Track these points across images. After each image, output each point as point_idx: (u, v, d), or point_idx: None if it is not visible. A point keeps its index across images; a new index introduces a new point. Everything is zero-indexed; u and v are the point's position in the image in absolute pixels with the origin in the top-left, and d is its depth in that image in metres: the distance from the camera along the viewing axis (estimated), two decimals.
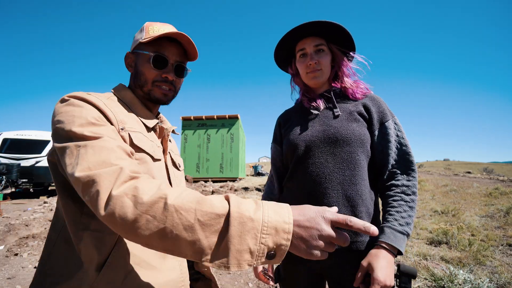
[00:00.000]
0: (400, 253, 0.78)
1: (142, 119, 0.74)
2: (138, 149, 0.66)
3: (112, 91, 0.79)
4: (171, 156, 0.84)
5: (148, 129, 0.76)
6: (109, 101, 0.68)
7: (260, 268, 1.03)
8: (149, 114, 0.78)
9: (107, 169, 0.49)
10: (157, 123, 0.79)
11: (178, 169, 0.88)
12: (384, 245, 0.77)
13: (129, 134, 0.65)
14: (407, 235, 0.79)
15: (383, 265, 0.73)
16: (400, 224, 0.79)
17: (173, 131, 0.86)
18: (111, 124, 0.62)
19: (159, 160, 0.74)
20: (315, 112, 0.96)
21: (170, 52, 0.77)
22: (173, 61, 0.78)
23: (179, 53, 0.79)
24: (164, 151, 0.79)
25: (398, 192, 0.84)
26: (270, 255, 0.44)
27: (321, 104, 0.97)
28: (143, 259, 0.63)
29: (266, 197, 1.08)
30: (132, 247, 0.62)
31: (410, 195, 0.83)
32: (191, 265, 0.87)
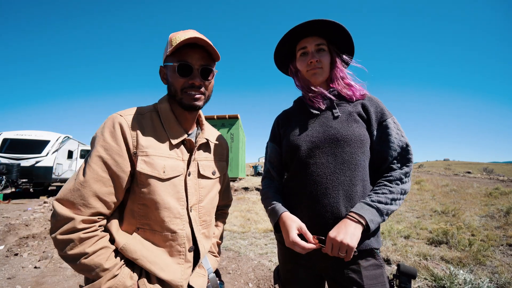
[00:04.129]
0: (368, 226, 0.78)
1: (170, 136, 0.82)
2: (141, 174, 0.75)
3: (158, 102, 0.88)
4: (198, 167, 0.88)
5: (172, 146, 0.83)
6: (140, 122, 0.79)
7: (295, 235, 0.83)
8: (179, 130, 0.85)
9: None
10: (184, 138, 0.85)
11: (208, 178, 0.92)
12: (349, 214, 0.80)
13: (137, 159, 0.75)
14: (377, 209, 0.80)
15: (338, 227, 0.78)
16: (371, 200, 0.81)
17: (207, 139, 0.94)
18: (127, 148, 0.75)
19: (173, 177, 0.80)
20: (315, 112, 0.97)
21: (193, 58, 0.80)
22: (198, 66, 0.81)
23: (203, 57, 0.82)
24: (189, 164, 0.86)
25: (384, 180, 0.86)
26: None
27: (322, 104, 0.97)
28: (148, 255, 0.76)
29: (274, 191, 1.01)
30: (143, 245, 0.77)
31: (393, 182, 0.85)
32: None
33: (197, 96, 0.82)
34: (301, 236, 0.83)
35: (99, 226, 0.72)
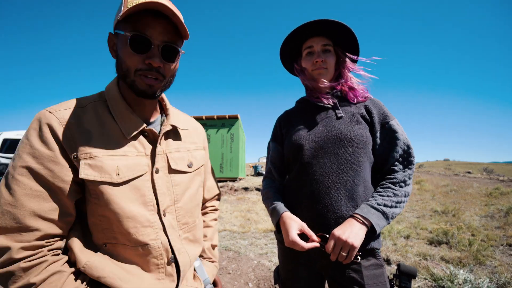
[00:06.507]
0: (373, 229, 0.78)
1: (123, 130, 0.66)
2: (89, 182, 0.60)
3: (105, 89, 0.70)
4: (168, 161, 0.72)
5: (128, 140, 0.66)
6: (79, 116, 0.62)
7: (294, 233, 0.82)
8: (133, 120, 0.67)
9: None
10: (143, 129, 0.68)
11: (183, 172, 0.76)
12: (354, 215, 0.80)
13: (80, 163, 0.59)
14: (383, 213, 0.80)
15: (344, 226, 0.78)
16: (377, 203, 0.81)
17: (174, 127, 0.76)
18: (63, 152, 0.59)
19: (133, 179, 0.64)
20: (326, 105, 0.97)
21: (154, 30, 0.61)
22: (158, 41, 0.62)
23: (167, 30, 0.63)
24: (154, 158, 0.69)
25: (388, 182, 0.87)
26: None
27: (330, 100, 0.97)
28: (119, 272, 0.63)
29: (274, 191, 1.01)
30: (111, 261, 0.64)
31: (397, 185, 0.85)
32: None
33: (153, 81, 0.64)
34: (303, 235, 0.83)
35: (50, 250, 0.58)
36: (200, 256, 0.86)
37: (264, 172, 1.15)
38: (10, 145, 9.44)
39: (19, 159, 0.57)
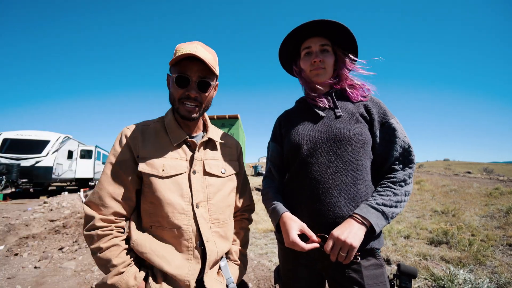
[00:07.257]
0: (373, 229, 0.78)
1: (171, 140, 0.90)
2: (144, 174, 0.84)
3: (165, 115, 0.98)
4: (204, 165, 0.92)
5: (173, 147, 0.90)
6: (144, 131, 0.90)
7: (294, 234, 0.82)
8: (179, 132, 0.92)
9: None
10: (185, 139, 0.91)
11: (216, 176, 0.94)
12: (353, 215, 0.79)
13: (139, 161, 0.85)
14: (382, 213, 0.80)
15: (343, 226, 0.78)
16: (377, 203, 0.80)
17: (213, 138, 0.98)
18: (131, 153, 0.86)
19: (175, 175, 0.86)
20: (321, 113, 0.96)
21: (192, 71, 0.85)
22: (196, 78, 0.85)
23: (202, 70, 0.86)
24: (192, 162, 0.90)
25: (387, 181, 0.86)
26: None
27: (326, 103, 0.97)
28: (157, 249, 0.81)
29: (274, 191, 1.01)
30: (152, 240, 0.84)
31: (397, 184, 0.84)
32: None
33: (192, 108, 0.87)
34: (303, 236, 0.83)
35: (116, 226, 0.83)
36: (227, 258, 0.98)
37: (264, 172, 1.15)
38: (10, 145, 9.44)
39: (108, 157, 0.87)
